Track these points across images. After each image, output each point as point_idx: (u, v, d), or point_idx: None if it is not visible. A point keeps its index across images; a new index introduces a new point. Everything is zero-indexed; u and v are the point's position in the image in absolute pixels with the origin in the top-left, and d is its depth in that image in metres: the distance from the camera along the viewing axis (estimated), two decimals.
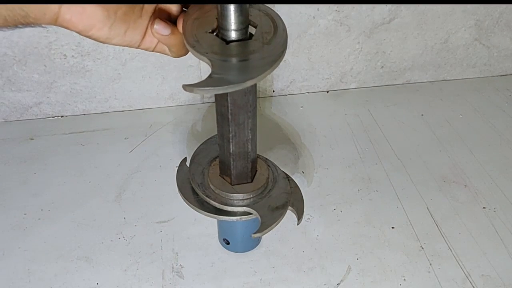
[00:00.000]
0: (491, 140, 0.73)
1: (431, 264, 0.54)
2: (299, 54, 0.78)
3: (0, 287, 0.52)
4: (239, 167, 0.48)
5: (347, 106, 0.81)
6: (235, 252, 0.56)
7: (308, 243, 0.57)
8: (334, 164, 0.68)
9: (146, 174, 0.67)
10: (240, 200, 0.48)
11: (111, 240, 0.57)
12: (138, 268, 0.54)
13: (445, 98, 0.83)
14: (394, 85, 0.86)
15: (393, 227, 0.59)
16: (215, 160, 0.52)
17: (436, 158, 0.70)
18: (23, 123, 0.77)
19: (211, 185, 0.49)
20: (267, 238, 0.57)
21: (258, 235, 0.46)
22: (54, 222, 0.59)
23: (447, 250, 0.56)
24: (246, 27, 0.39)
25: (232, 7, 0.37)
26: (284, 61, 0.79)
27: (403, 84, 0.87)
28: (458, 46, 0.83)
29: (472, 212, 0.61)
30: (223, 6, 0.37)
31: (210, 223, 0.58)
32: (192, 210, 0.50)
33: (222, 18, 0.38)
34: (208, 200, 0.49)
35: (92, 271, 0.54)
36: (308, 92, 0.84)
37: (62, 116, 0.78)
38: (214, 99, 0.45)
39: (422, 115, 0.79)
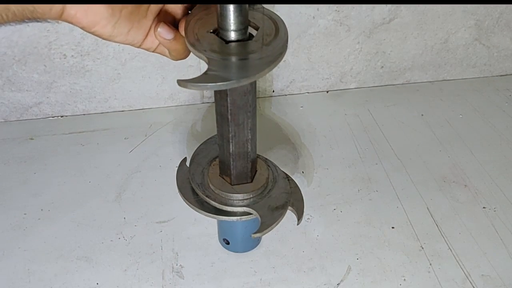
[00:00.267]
0: (491, 140, 0.73)
1: (431, 264, 0.54)
2: (299, 54, 0.78)
3: (0, 287, 0.52)
4: (239, 167, 0.48)
5: (347, 106, 0.81)
6: (235, 252, 0.56)
7: (308, 243, 0.57)
8: (334, 164, 0.68)
9: (146, 174, 0.67)
10: (240, 200, 0.48)
11: (111, 240, 0.57)
12: (138, 268, 0.54)
13: (445, 98, 0.83)
14: (394, 85, 0.86)
15: (393, 227, 0.59)
16: (215, 160, 0.52)
17: (436, 158, 0.70)
18: (23, 123, 0.77)
19: (211, 185, 0.49)
20: (267, 238, 0.57)
21: (258, 235, 0.46)
22: (54, 222, 0.59)
23: (447, 250, 0.56)
24: (246, 27, 0.39)
25: (231, 7, 0.37)
26: (284, 61, 0.79)
27: (403, 84, 0.87)
28: (458, 46, 0.83)
29: (472, 212, 0.61)
30: (222, 6, 0.37)
31: (210, 223, 0.58)
32: (192, 210, 0.50)
33: (221, 18, 0.38)
34: (208, 200, 0.49)
35: (92, 271, 0.54)
36: (308, 92, 0.84)
37: (62, 116, 0.78)
38: (214, 99, 0.45)
39: (422, 115, 0.79)
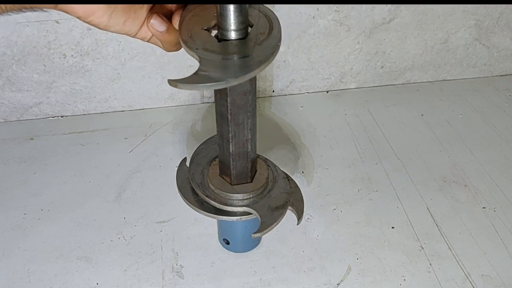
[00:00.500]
0: (491, 140, 0.73)
1: (431, 264, 0.54)
2: (299, 54, 0.78)
3: (0, 287, 0.52)
4: (238, 167, 0.48)
5: (347, 106, 0.81)
6: (235, 252, 0.55)
7: (308, 243, 0.57)
8: (334, 164, 0.68)
9: (146, 174, 0.67)
10: (240, 200, 0.48)
11: (111, 240, 0.57)
12: (138, 268, 0.54)
13: (445, 98, 0.83)
14: (394, 85, 0.86)
15: (393, 227, 0.59)
16: (215, 160, 0.52)
17: (436, 158, 0.70)
18: (23, 123, 0.77)
19: (211, 185, 0.49)
20: (267, 238, 0.57)
21: (258, 235, 0.46)
22: (54, 222, 0.59)
23: (447, 250, 0.56)
24: (245, 27, 0.39)
25: (231, 7, 0.37)
26: (284, 61, 0.79)
27: (403, 84, 0.87)
28: (458, 46, 0.83)
29: (472, 212, 0.61)
30: (222, 6, 0.37)
31: (210, 223, 0.58)
32: (192, 210, 0.50)
33: (221, 18, 0.38)
34: (208, 200, 0.49)
35: (92, 271, 0.54)
36: (308, 92, 0.84)
37: (62, 116, 0.78)
38: (214, 99, 0.45)
39: (422, 115, 0.79)
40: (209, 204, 0.49)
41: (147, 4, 0.39)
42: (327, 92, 0.85)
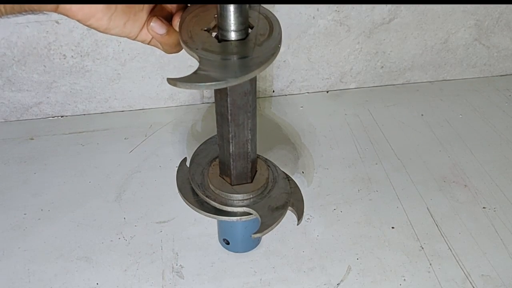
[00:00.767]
0: (491, 140, 0.73)
1: (431, 264, 0.54)
2: (299, 54, 0.78)
3: (0, 287, 0.52)
4: (239, 168, 0.48)
5: (347, 106, 0.81)
6: (235, 252, 0.56)
7: (308, 243, 0.57)
8: (334, 164, 0.68)
9: (146, 174, 0.67)
10: (240, 200, 0.48)
11: (111, 240, 0.57)
12: (138, 268, 0.54)
13: (445, 98, 0.83)
14: (394, 85, 0.86)
15: (393, 227, 0.59)
16: (215, 161, 0.52)
17: (436, 158, 0.70)
18: (23, 123, 0.77)
19: (211, 185, 0.49)
20: (267, 238, 0.57)
21: (258, 235, 0.46)
22: (54, 222, 0.59)
23: (447, 250, 0.56)
24: (246, 28, 0.39)
25: (231, 8, 0.37)
26: (284, 61, 0.79)
27: (403, 84, 0.87)
28: (458, 46, 0.83)
29: (472, 212, 0.61)
30: (222, 6, 0.37)
31: (210, 223, 0.58)
32: (192, 210, 0.50)
33: (221, 18, 0.38)
34: (208, 200, 0.49)
35: (92, 271, 0.54)
36: (308, 92, 0.84)
37: (62, 116, 0.78)
38: (214, 99, 0.45)
39: (422, 115, 0.79)
40: (209, 204, 0.49)
41: (147, 6, 0.39)
42: (327, 92, 0.85)
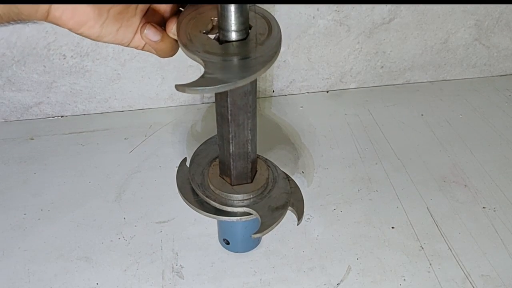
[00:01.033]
0: (491, 140, 0.73)
1: (431, 264, 0.54)
2: (299, 54, 0.78)
3: (0, 287, 0.52)
4: (239, 168, 0.48)
5: (347, 106, 0.81)
6: (235, 252, 0.56)
7: (308, 243, 0.57)
8: (334, 164, 0.68)
9: (146, 174, 0.67)
10: (240, 200, 0.48)
11: (111, 240, 0.57)
12: (138, 268, 0.54)
13: (445, 98, 0.83)
14: (394, 85, 0.86)
15: (393, 227, 0.59)
16: (215, 161, 0.52)
17: (436, 158, 0.70)
18: (23, 123, 0.77)
19: (211, 185, 0.49)
20: (267, 238, 0.57)
21: (258, 235, 0.46)
22: (54, 222, 0.59)
23: (447, 250, 0.56)
24: (246, 28, 0.39)
25: (232, 8, 0.37)
26: (284, 61, 0.79)
27: (403, 84, 0.87)
28: (458, 46, 0.83)
29: (472, 212, 0.61)
30: (223, 6, 0.37)
31: (210, 223, 0.58)
32: (192, 210, 0.50)
33: (222, 18, 0.38)
34: (208, 200, 0.49)
35: (92, 271, 0.54)
36: (308, 92, 0.84)
37: (62, 116, 0.78)
38: (214, 99, 0.45)
39: (422, 115, 0.79)
40: (209, 204, 0.49)
41: (139, 12, 0.38)
42: (327, 92, 0.85)
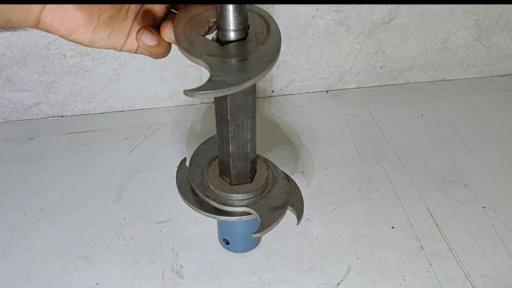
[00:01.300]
0: (491, 140, 0.73)
1: (431, 264, 0.54)
2: (299, 54, 0.78)
3: (0, 287, 0.52)
4: (238, 168, 0.48)
5: (346, 106, 0.81)
6: (235, 252, 0.56)
7: (308, 243, 0.57)
8: (333, 164, 0.68)
9: (146, 174, 0.67)
10: (240, 200, 0.48)
11: (111, 240, 0.57)
12: (138, 268, 0.54)
13: (445, 98, 0.83)
14: (394, 85, 0.86)
15: (393, 227, 0.59)
16: (215, 161, 0.52)
17: (436, 158, 0.70)
18: (23, 123, 0.77)
19: (210, 185, 0.49)
20: (267, 238, 0.57)
21: (258, 235, 0.46)
22: (54, 222, 0.59)
23: (447, 250, 0.56)
24: (245, 27, 0.39)
25: (231, 7, 0.37)
26: (284, 61, 0.79)
27: (402, 84, 0.87)
28: (458, 46, 0.83)
29: (472, 212, 0.61)
30: (222, 6, 0.37)
31: (210, 223, 0.58)
32: (192, 210, 0.50)
33: (221, 18, 0.38)
34: (207, 200, 0.49)
35: (92, 271, 0.54)
36: (308, 92, 0.84)
37: (62, 116, 0.78)
38: (213, 99, 0.45)
39: (422, 115, 0.79)
40: (209, 204, 0.49)
41: (130, 15, 0.38)
42: (327, 92, 0.85)
